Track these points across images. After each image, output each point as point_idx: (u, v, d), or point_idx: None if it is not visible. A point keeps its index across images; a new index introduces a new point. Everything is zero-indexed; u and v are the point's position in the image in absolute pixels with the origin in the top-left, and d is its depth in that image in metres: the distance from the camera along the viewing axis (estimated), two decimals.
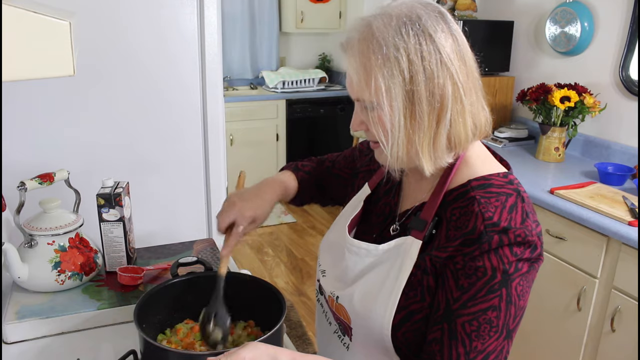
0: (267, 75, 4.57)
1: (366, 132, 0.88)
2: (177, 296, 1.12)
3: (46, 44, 0.78)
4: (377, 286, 0.89)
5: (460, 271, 0.80)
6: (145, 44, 1.50)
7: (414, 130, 0.81)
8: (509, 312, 0.80)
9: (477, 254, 0.79)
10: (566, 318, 2.07)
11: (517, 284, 0.81)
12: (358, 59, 0.81)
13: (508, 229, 0.79)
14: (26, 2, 0.75)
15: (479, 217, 0.80)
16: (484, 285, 0.79)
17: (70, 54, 0.80)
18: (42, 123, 1.46)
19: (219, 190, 1.69)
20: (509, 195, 0.83)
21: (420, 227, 0.86)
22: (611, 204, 1.98)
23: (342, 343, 0.99)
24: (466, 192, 0.84)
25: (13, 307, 1.18)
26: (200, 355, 0.94)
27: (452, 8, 3.15)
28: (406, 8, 0.81)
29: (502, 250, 0.79)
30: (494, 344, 0.80)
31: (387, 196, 1.00)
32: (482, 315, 0.79)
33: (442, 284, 0.83)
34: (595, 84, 2.53)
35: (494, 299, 0.79)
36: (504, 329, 0.80)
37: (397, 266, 0.87)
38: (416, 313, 0.85)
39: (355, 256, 0.95)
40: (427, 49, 0.79)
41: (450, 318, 0.80)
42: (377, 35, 0.79)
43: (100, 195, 1.28)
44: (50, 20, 0.77)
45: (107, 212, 1.29)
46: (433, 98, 0.79)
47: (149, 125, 1.57)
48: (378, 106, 0.81)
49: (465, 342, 0.79)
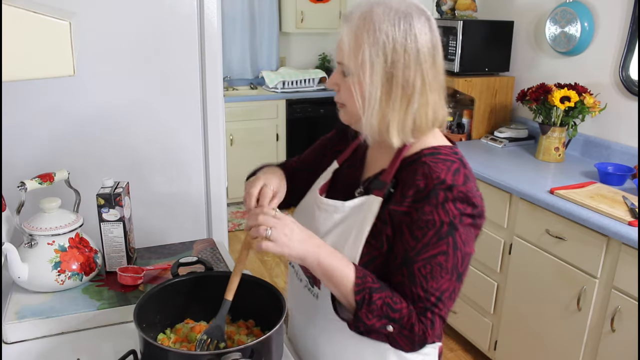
0: (267, 75, 4.57)
1: (337, 93, 1.03)
2: (177, 296, 1.12)
3: (46, 44, 0.78)
4: (344, 237, 1.03)
5: (414, 224, 0.95)
6: (145, 44, 1.50)
7: (387, 107, 0.97)
8: (457, 257, 0.95)
9: (427, 209, 0.94)
10: (566, 318, 2.07)
11: (461, 233, 0.95)
12: (354, 31, 0.95)
13: (452, 187, 0.95)
14: (26, 2, 0.75)
15: (428, 177, 0.96)
16: (434, 234, 0.94)
17: (70, 54, 0.80)
18: (42, 123, 1.46)
19: (219, 190, 1.69)
20: (453, 162, 0.99)
21: (380, 186, 1.02)
22: (611, 204, 1.98)
23: (312, 294, 1.11)
24: (419, 159, 1.00)
25: (13, 307, 1.18)
26: (200, 355, 0.94)
27: (452, 8, 3.15)
28: (404, 6, 0.96)
29: (448, 205, 0.94)
30: (447, 284, 0.95)
31: (352, 168, 1.15)
32: (434, 260, 0.94)
33: (399, 236, 0.97)
34: (595, 84, 2.53)
35: (442, 246, 0.94)
36: (453, 271, 0.95)
37: (360, 220, 1.02)
38: (377, 258, 1.00)
39: (325, 213, 1.09)
40: (410, 45, 0.94)
41: (410, 263, 0.95)
42: (375, 19, 0.94)
43: (100, 195, 1.28)
44: (50, 20, 0.77)
45: (107, 212, 1.29)
46: (407, 85, 0.95)
47: (149, 125, 1.57)
48: (360, 75, 0.95)
49: (422, 283, 0.94)
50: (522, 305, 2.28)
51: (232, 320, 1.14)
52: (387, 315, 0.93)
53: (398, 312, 0.94)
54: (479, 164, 2.49)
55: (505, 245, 2.35)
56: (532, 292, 2.22)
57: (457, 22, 2.81)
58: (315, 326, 1.13)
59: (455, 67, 2.86)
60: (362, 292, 0.93)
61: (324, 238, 1.04)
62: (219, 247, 1.52)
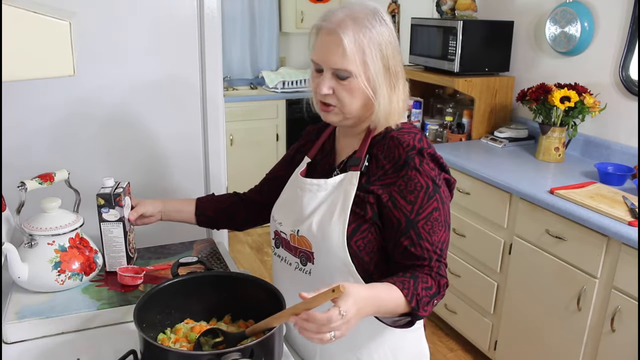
0: (267, 75, 4.57)
1: (330, 96, 1.11)
2: (178, 296, 1.12)
3: (46, 44, 0.78)
4: (330, 211, 1.13)
5: (405, 191, 1.08)
6: (145, 44, 1.50)
7: (393, 94, 1.11)
8: (445, 209, 1.11)
9: (412, 173, 1.08)
10: (566, 318, 2.07)
11: (442, 190, 1.11)
12: (352, 37, 1.05)
13: (422, 149, 1.10)
14: (26, 2, 0.75)
15: (399, 147, 1.10)
16: (424, 194, 1.08)
17: (70, 54, 0.81)
18: (42, 123, 1.46)
19: (219, 190, 1.69)
20: (416, 133, 1.14)
21: (356, 163, 1.14)
22: (611, 204, 1.98)
23: (304, 272, 1.19)
24: (386, 134, 1.14)
25: (13, 307, 1.18)
26: (200, 355, 0.94)
27: (452, 8, 3.15)
28: (372, 6, 1.09)
29: (424, 166, 1.09)
30: (443, 235, 1.10)
31: (326, 158, 1.25)
32: (431, 216, 1.08)
33: (394, 205, 1.09)
34: (595, 84, 2.53)
35: (433, 203, 1.08)
36: (445, 223, 1.11)
37: (343, 193, 1.13)
38: (363, 224, 1.11)
39: (309, 193, 1.18)
40: (391, 37, 1.09)
41: (413, 224, 1.08)
42: (366, 24, 1.06)
43: (100, 195, 1.28)
44: (50, 20, 0.77)
45: (107, 212, 1.29)
46: (396, 72, 1.10)
47: (149, 125, 1.57)
48: (368, 73, 1.07)
49: (428, 238, 1.08)
50: (522, 305, 2.28)
51: (232, 320, 1.15)
52: (430, 295, 1.05)
53: (433, 288, 1.06)
54: (479, 164, 2.49)
55: (505, 245, 2.35)
56: (532, 292, 2.22)
57: (457, 22, 2.81)
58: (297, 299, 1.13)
59: (455, 67, 2.86)
60: (413, 297, 1.02)
61: (311, 216, 1.16)
62: (219, 247, 1.52)
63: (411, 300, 1.01)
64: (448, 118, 3.10)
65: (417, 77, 3.13)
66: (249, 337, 1.03)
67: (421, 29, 3.12)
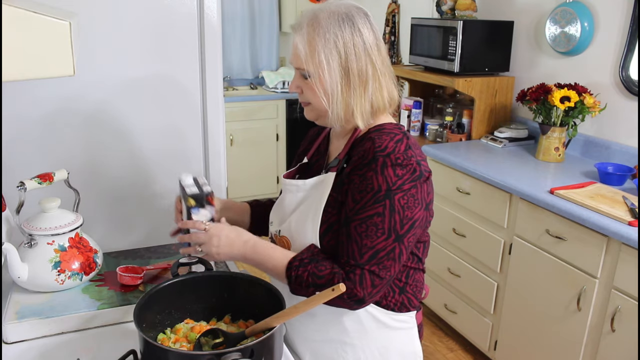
0: (267, 75, 4.57)
1: (300, 95, 1.16)
2: (177, 296, 1.12)
3: (46, 44, 0.78)
4: (306, 212, 1.16)
5: (356, 188, 1.08)
6: (144, 44, 1.50)
7: (349, 97, 1.11)
8: (394, 219, 1.05)
9: (369, 174, 1.06)
10: (566, 318, 2.07)
11: (400, 198, 1.06)
12: (306, 38, 1.09)
13: (391, 153, 1.07)
14: (26, 2, 0.75)
15: (372, 147, 1.08)
16: (371, 197, 1.05)
17: (70, 54, 0.81)
18: (41, 123, 1.46)
19: (219, 190, 1.69)
20: (397, 134, 1.11)
21: (335, 164, 1.17)
22: (611, 204, 1.98)
23: None
24: (367, 135, 1.14)
25: (13, 307, 1.18)
26: (200, 355, 0.94)
27: (452, 8, 3.15)
28: (344, 7, 1.10)
29: (387, 171, 1.05)
30: (383, 243, 1.05)
31: (320, 160, 1.29)
32: (369, 220, 1.05)
33: (345, 201, 1.10)
34: (595, 84, 2.53)
35: (378, 208, 1.05)
36: (391, 231, 1.05)
37: (319, 194, 1.15)
38: (335, 224, 1.12)
39: (290, 194, 1.22)
40: (356, 40, 1.09)
41: (347, 223, 1.08)
42: (323, 24, 1.08)
43: (191, 196, 1.18)
44: (50, 20, 0.77)
45: (197, 213, 1.19)
46: (361, 74, 1.10)
47: (149, 126, 1.57)
48: (320, 75, 1.09)
49: (357, 240, 1.06)
50: (522, 305, 2.28)
51: (232, 320, 1.15)
52: (314, 283, 1.06)
53: (323, 278, 1.06)
54: (479, 164, 2.49)
55: (505, 245, 2.35)
56: (532, 292, 2.22)
57: (457, 22, 2.81)
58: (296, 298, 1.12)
59: (455, 67, 2.86)
60: (290, 270, 1.08)
61: (290, 217, 1.19)
62: None
63: (288, 270, 1.08)
64: (448, 118, 3.10)
65: (417, 77, 3.13)
66: (249, 337, 1.03)
67: (421, 29, 3.12)
